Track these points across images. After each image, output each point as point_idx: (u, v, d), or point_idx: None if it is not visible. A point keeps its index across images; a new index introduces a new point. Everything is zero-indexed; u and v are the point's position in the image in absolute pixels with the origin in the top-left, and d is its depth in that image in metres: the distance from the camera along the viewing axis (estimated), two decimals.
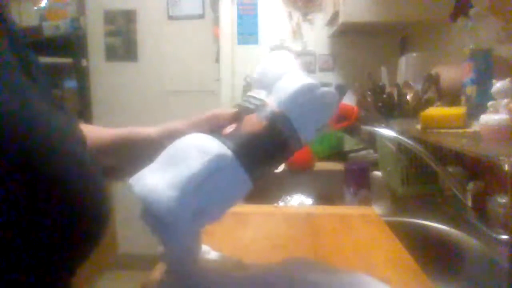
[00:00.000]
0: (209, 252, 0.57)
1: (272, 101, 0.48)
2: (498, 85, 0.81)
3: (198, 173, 0.41)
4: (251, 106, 0.49)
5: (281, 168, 1.37)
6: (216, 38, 2.37)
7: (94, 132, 0.52)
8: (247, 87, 2.24)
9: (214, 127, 0.48)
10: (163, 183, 0.42)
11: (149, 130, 0.52)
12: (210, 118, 0.50)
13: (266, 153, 0.46)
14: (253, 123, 0.46)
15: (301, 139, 0.48)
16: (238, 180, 0.44)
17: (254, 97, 0.51)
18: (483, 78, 0.98)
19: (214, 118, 0.49)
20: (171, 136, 0.48)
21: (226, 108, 0.51)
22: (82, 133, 0.39)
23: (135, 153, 0.51)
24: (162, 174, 0.43)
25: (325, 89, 0.49)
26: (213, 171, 0.42)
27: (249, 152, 0.44)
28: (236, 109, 0.50)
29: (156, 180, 0.42)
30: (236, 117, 0.49)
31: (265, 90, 0.51)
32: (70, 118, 0.38)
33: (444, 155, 1.08)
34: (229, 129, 0.46)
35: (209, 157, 0.42)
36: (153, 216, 0.41)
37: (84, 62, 2.64)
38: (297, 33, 2.24)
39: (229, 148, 0.43)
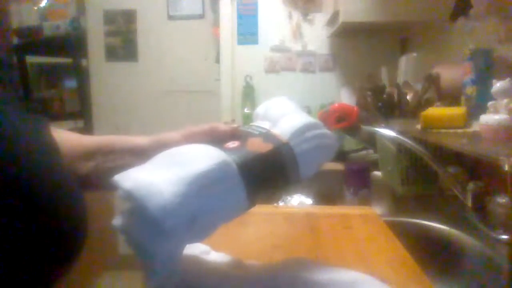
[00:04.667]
0: (209, 252, 0.57)
1: (277, 132, 0.49)
2: (498, 85, 0.81)
3: (205, 173, 0.39)
4: (256, 132, 0.49)
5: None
6: (216, 38, 2.37)
7: (74, 139, 0.50)
8: (247, 88, 2.24)
9: (211, 140, 0.46)
10: (161, 179, 0.38)
11: (139, 140, 0.50)
12: (207, 130, 0.48)
13: (266, 177, 0.45)
14: (259, 145, 0.46)
15: (299, 173, 0.49)
16: (236, 197, 0.42)
17: (258, 126, 0.51)
18: (483, 78, 0.98)
19: (212, 131, 0.48)
20: (164, 146, 0.45)
21: (224, 123, 0.50)
22: (53, 140, 0.36)
23: (120, 162, 0.48)
24: (158, 172, 0.39)
25: (327, 130, 0.52)
26: (217, 178, 0.40)
27: (251, 170, 0.43)
28: (235, 125, 0.50)
29: (151, 176, 0.38)
30: (235, 134, 0.48)
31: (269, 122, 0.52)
32: (40, 124, 0.36)
33: (444, 155, 1.08)
34: (232, 144, 0.45)
35: (216, 161, 0.40)
36: (142, 218, 0.36)
37: (84, 62, 2.64)
38: (297, 33, 2.24)
39: (233, 160, 0.42)
